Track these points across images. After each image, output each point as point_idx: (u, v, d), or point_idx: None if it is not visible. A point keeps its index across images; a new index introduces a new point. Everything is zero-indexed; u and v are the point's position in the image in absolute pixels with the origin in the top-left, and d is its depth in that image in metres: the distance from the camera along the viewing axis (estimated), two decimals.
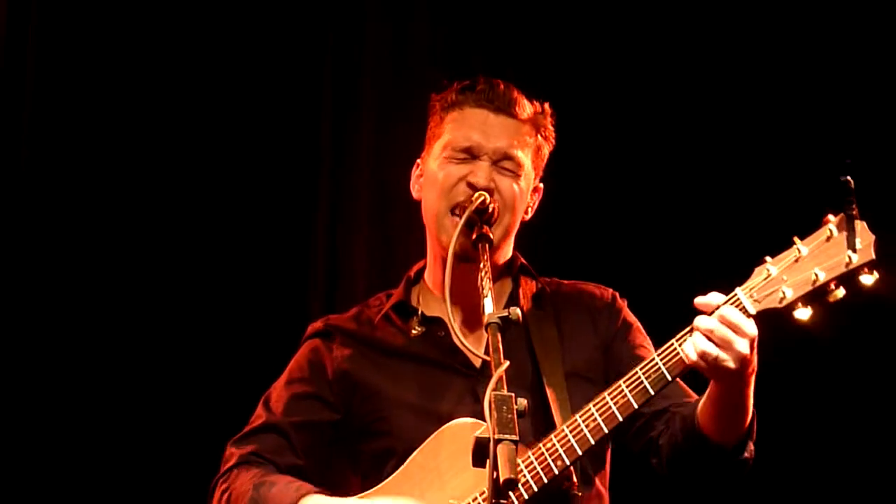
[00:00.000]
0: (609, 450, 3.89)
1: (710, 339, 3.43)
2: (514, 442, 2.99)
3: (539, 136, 3.93)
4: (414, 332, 3.94)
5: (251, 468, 3.83)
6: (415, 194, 3.99)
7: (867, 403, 5.30)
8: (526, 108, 3.90)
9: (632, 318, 3.97)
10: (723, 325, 3.43)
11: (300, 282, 5.48)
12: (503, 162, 3.85)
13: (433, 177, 3.88)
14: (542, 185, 3.98)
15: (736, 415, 3.56)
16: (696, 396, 3.69)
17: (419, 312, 3.95)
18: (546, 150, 3.97)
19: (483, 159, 3.84)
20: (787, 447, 5.20)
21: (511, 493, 3.46)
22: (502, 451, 2.98)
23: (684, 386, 3.76)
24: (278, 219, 5.48)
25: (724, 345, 3.42)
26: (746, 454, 3.61)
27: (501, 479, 2.94)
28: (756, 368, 3.50)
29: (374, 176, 5.46)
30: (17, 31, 5.31)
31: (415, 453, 3.74)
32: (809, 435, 5.33)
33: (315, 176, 5.52)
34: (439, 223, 3.85)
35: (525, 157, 3.88)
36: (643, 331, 3.95)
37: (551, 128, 3.96)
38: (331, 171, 5.50)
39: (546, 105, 3.97)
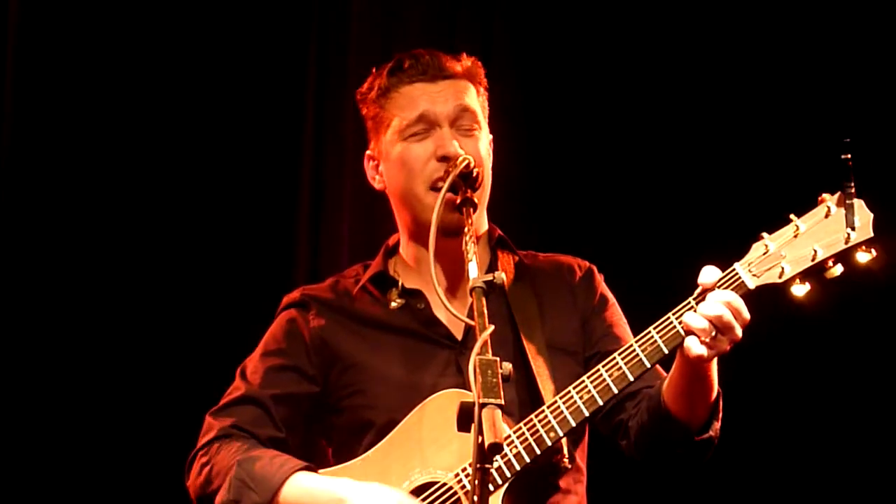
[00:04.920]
0: (587, 427, 3.85)
1: (714, 323, 3.43)
2: (500, 406, 2.95)
3: (478, 86, 3.90)
4: (393, 304, 3.89)
5: (233, 441, 3.76)
6: (377, 185, 3.94)
7: (859, 383, 5.32)
8: (456, 65, 3.88)
9: (608, 293, 3.95)
10: (728, 311, 3.42)
11: (284, 257, 5.47)
12: (461, 121, 3.81)
13: (398, 162, 3.83)
14: (490, 135, 3.95)
15: (702, 393, 3.55)
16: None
17: (399, 284, 3.90)
18: (485, 99, 3.94)
19: (442, 126, 3.80)
20: (775, 427, 5.25)
21: (498, 458, 3.45)
22: (487, 415, 2.93)
23: (660, 369, 3.74)
24: (262, 196, 5.47)
25: (725, 329, 3.43)
26: (711, 433, 3.60)
27: (486, 443, 2.89)
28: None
29: (358, 150, 5.45)
30: None
31: (399, 425, 3.69)
32: (796, 416, 5.35)
33: (298, 149, 5.51)
34: (420, 203, 3.79)
35: (477, 108, 3.86)
36: (618, 306, 3.94)
37: (484, 78, 3.93)
38: (315, 146, 5.49)
39: (473, 58, 3.94)
